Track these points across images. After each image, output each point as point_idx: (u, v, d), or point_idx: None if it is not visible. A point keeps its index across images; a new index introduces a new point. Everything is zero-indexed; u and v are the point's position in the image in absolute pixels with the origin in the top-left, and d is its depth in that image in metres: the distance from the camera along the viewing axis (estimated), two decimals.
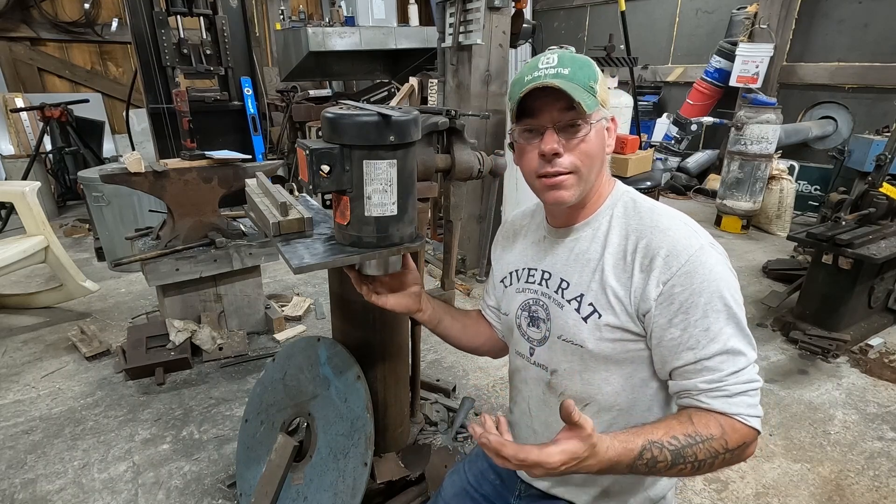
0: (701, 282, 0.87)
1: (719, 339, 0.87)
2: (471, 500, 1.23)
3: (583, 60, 0.94)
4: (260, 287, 3.04)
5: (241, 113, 4.49)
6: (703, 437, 0.85)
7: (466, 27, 3.24)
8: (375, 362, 1.62)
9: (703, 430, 0.86)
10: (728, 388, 0.87)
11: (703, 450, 0.85)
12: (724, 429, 0.86)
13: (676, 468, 0.84)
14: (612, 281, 0.93)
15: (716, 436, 0.85)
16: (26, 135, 5.70)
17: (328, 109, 1.06)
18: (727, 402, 0.87)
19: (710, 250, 0.90)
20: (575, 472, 0.80)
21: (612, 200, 1.01)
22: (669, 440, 0.84)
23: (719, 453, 0.85)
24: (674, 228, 0.92)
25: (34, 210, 3.06)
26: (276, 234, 1.21)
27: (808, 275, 3.14)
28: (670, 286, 0.88)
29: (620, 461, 0.82)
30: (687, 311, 0.87)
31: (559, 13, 8.75)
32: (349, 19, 5.91)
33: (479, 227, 3.77)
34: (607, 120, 0.96)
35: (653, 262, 0.89)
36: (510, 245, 1.18)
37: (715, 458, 0.85)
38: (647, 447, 0.83)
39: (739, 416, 0.87)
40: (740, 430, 0.87)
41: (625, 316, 0.92)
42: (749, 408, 0.87)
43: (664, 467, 0.84)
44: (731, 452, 0.86)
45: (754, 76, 5.69)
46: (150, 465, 2.10)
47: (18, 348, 2.95)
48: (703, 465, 0.85)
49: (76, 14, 6.84)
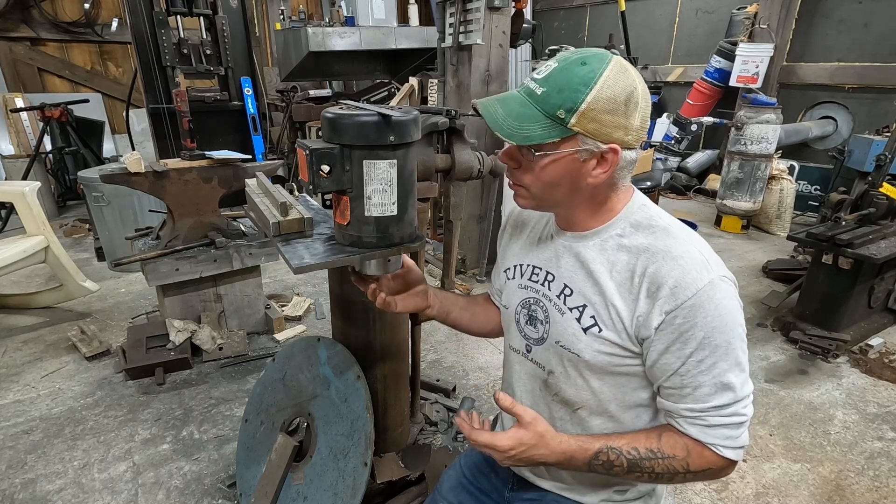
0: (704, 317, 0.85)
1: (711, 372, 0.86)
2: (467, 493, 1.23)
3: (575, 81, 0.83)
4: (260, 287, 3.04)
5: (241, 113, 4.49)
6: (665, 455, 0.90)
7: (466, 27, 3.24)
8: (375, 362, 1.62)
9: (668, 449, 0.90)
10: (708, 419, 0.88)
11: (661, 465, 0.90)
12: (689, 452, 0.89)
13: (634, 475, 0.91)
14: (616, 300, 0.91)
15: (678, 457, 0.89)
16: (26, 135, 5.71)
17: (328, 109, 1.06)
18: (703, 431, 0.88)
19: (720, 284, 0.86)
20: (529, 459, 0.91)
21: (626, 213, 0.95)
22: (629, 450, 0.90)
23: (678, 472, 0.90)
24: (685, 257, 0.87)
25: (34, 210, 3.06)
26: (276, 234, 1.21)
27: (808, 275, 3.14)
28: (672, 317, 0.86)
29: (575, 457, 0.90)
30: (685, 342, 0.86)
31: (559, 13, 8.75)
32: (349, 19, 5.91)
33: (479, 227, 3.77)
34: (595, 152, 0.86)
35: (659, 290, 0.87)
36: (517, 234, 1.16)
37: (674, 475, 0.90)
38: (603, 450, 0.90)
39: (713, 446, 0.88)
40: (708, 457, 0.89)
41: (624, 335, 0.92)
42: (726, 439, 0.88)
43: (620, 471, 0.91)
44: (693, 474, 0.90)
45: (754, 76, 5.69)
46: (150, 465, 2.10)
47: (18, 348, 2.95)
48: (661, 477, 0.91)
49: (76, 14, 6.84)
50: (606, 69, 0.83)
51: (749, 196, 4.77)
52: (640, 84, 0.86)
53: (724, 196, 4.93)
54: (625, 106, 0.84)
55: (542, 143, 0.85)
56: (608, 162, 0.87)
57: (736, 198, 4.84)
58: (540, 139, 0.85)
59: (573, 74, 0.83)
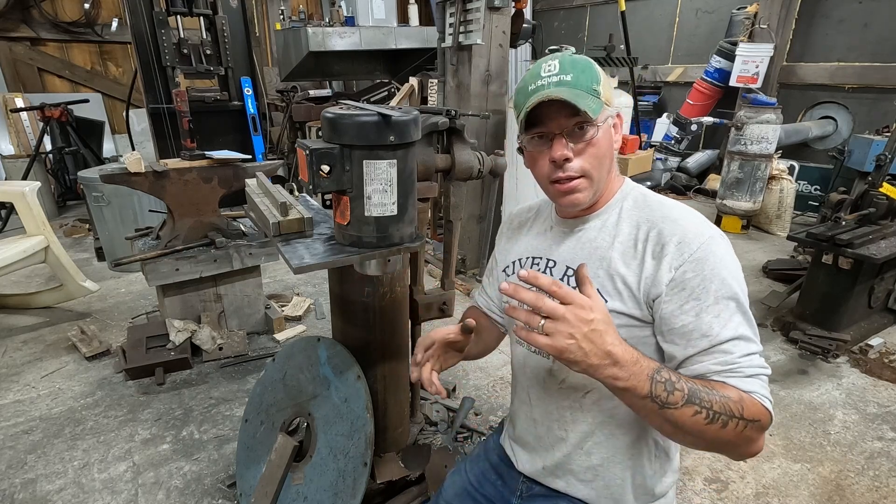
0: (712, 269, 0.89)
1: (730, 325, 0.88)
2: (472, 500, 1.22)
3: (584, 63, 0.96)
4: (260, 287, 3.04)
5: (241, 113, 4.49)
6: (721, 394, 0.83)
7: (466, 27, 3.24)
8: (375, 362, 1.62)
9: (721, 388, 0.84)
10: (742, 369, 0.87)
11: (718, 402, 0.82)
12: (742, 396, 0.84)
13: (691, 408, 0.81)
14: (620, 268, 0.95)
15: (733, 398, 0.83)
16: (26, 135, 5.71)
17: (328, 109, 1.06)
18: (742, 381, 0.86)
19: (720, 240, 0.92)
20: (601, 342, 0.77)
21: (622, 195, 1.03)
22: (687, 380, 0.83)
23: (734, 415, 0.82)
24: (684, 218, 0.95)
25: (34, 210, 3.06)
26: (276, 234, 1.21)
27: (808, 275, 3.14)
28: (682, 271, 0.90)
29: (639, 365, 0.80)
30: (699, 297, 0.89)
31: (559, 13, 8.75)
32: (349, 19, 5.91)
33: (479, 227, 3.77)
34: (613, 117, 0.99)
35: (664, 248, 0.92)
36: (515, 236, 1.18)
37: (729, 419, 0.82)
38: (665, 369, 0.82)
39: (756, 394, 0.85)
40: (757, 406, 0.84)
41: (632, 302, 0.94)
42: (763, 388, 0.87)
43: (679, 398, 0.80)
44: (745, 422, 0.82)
45: (754, 76, 5.69)
46: (150, 465, 2.10)
47: (18, 348, 2.95)
48: (717, 419, 0.81)
49: (76, 14, 6.84)
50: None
51: (749, 196, 4.77)
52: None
53: (724, 196, 4.93)
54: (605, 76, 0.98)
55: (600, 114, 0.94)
56: (618, 128, 1.01)
57: (736, 198, 4.84)
58: (599, 110, 0.93)
59: (576, 60, 0.96)
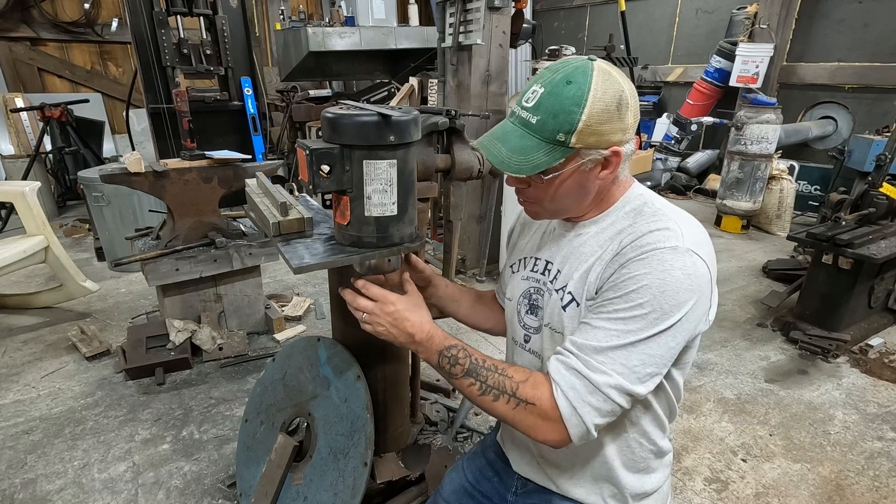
0: (646, 273, 0.83)
1: (615, 326, 0.84)
2: (469, 497, 1.23)
3: (563, 106, 0.84)
4: (260, 287, 3.04)
5: (241, 113, 4.50)
6: (505, 374, 0.92)
7: (466, 27, 3.24)
8: (375, 362, 1.62)
9: (511, 370, 0.93)
10: (571, 359, 0.87)
11: (494, 378, 0.92)
12: (528, 379, 0.90)
13: (468, 379, 0.93)
14: (592, 276, 0.93)
15: (515, 378, 0.91)
16: (26, 135, 5.71)
17: (328, 109, 1.06)
18: (557, 366, 0.89)
19: (685, 256, 0.84)
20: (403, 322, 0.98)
21: (623, 202, 0.98)
22: (479, 357, 0.95)
23: (505, 392, 0.90)
24: (663, 228, 0.88)
25: (34, 210, 3.06)
26: (276, 234, 1.21)
27: (808, 275, 3.14)
28: (621, 266, 0.87)
29: (433, 341, 0.97)
30: (615, 286, 0.86)
31: (559, 13, 8.76)
32: (349, 19, 5.92)
33: (479, 227, 3.77)
34: (598, 159, 0.89)
35: (626, 253, 0.88)
36: (525, 231, 1.19)
37: (500, 394, 0.90)
38: (458, 347, 0.96)
39: (555, 383, 0.88)
40: (541, 393, 0.88)
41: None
42: (570, 389, 0.86)
43: (460, 371, 0.94)
44: (517, 400, 0.89)
45: (754, 76, 5.69)
46: (150, 465, 2.10)
47: (18, 348, 2.95)
48: (489, 392, 0.91)
49: (76, 14, 6.84)
50: (592, 82, 0.84)
51: (749, 196, 4.77)
52: (626, 84, 0.87)
53: (724, 196, 4.93)
54: (617, 111, 0.85)
55: (549, 168, 0.88)
56: (612, 163, 0.91)
57: (736, 198, 4.84)
58: (547, 164, 0.87)
59: (562, 97, 0.84)
